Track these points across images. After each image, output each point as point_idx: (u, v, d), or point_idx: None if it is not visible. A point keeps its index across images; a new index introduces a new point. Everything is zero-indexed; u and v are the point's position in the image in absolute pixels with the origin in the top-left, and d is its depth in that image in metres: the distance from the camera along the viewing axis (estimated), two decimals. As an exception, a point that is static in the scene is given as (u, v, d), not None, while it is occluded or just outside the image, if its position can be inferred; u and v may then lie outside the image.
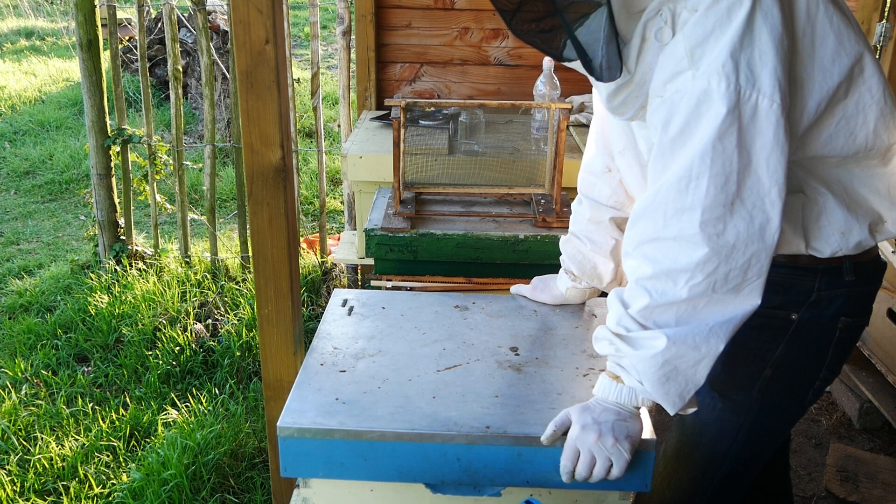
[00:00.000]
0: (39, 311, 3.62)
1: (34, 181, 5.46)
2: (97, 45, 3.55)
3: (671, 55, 1.21)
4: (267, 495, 2.43)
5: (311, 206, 4.93)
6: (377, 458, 1.32)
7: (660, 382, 1.23)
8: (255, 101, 1.66)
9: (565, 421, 1.29)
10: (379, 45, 3.41)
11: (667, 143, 1.20)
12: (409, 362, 1.52)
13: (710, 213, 1.16)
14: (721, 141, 1.14)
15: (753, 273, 1.20)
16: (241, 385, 3.03)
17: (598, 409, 1.28)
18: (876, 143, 1.29)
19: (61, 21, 10.00)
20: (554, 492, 1.38)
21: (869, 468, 2.59)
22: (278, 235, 1.77)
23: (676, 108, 1.18)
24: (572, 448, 1.28)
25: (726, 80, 1.13)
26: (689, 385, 1.25)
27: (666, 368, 1.22)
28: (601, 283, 1.70)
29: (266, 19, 1.60)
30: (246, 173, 1.73)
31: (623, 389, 1.28)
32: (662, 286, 1.20)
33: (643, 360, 1.22)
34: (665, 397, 1.25)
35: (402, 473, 1.34)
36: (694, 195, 1.17)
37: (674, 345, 1.20)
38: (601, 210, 1.64)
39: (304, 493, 1.39)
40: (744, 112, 1.14)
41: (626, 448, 1.27)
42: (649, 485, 1.35)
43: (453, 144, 2.74)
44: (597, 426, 1.26)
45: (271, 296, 1.81)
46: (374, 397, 1.40)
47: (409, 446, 1.32)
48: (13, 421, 2.77)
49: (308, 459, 1.33)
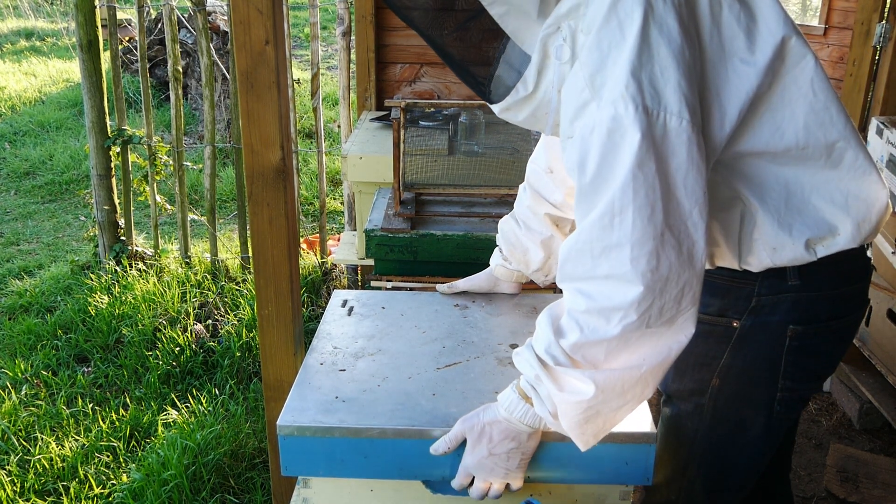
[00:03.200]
0: (39, 312, 3.62)
1: (34, 182, 5.47)
2: (97, 46, 3.55)
3: (573, 87, 1.15)
4: (267, 495, 2.43)
5: (311, 206, 4.93)
6: (378, 455, 1.32)
7: (578, 424, 1.19)
8: (255, 101, 1.66)
9: (459, 438, 1.29)
10: (379, 45, 3.41)
11: (587, 185, 1.12)
12: (409, 360, 1.52)
13: (639, 249, 1.09)
14: (641, 169, 1.07)
15: (687, 302, 1.14)
16: (242, 385, 3.03)
17: (495, 436, 1.26)
18: (810, 141, 1.22)
19: (61, 22, 10.01)
20: (554, 492, 1.38)
21: (869, 469, 2.59)
22: (278, 236, 1.77)
23: (588, 145, 1.11)
24: (466, 473, 1.30)
25: (633, 102, 1.06)
26: (605, 427, 1.21)
27: (588, 413, 1.17)
28: (528, 268, 1.70)
29: (266, 20, 1.60)
30: (246, 174, 1.73)
31: (530, 412, 1.24)
32: (595, 323, 1.14)
33: (566, 403, 1.17)
34: (578, 437, 1.22)
35: (403, 470, 1.33)
36: (620, 231, 1.10)
37: (601, 392, 1.15)
38: (540, 203, 1.64)
39: (304, 493, 1.39)
40: (655, 133, 1.07)
41: (519, 475, 1.29)
42: (651, 478, 1.33)
43: (453, 145, 2.74)
44: (491, 459, 1.27)
45: (271, 296, 1.81)
46: (374, 395, 1.40)
47: (409, 443, 1.31)
48: (13, 421, 2.77)
49: (308, 458, 1.33)
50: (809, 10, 6.56)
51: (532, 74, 1.22)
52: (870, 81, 3.21)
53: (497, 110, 1.32)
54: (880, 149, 2.72)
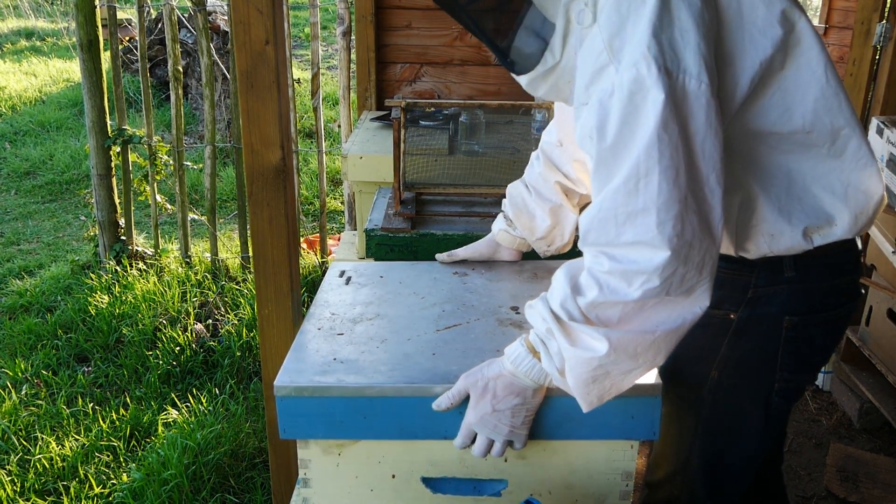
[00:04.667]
0: (40, 312, 3.62)
1: (34, 182, 5.47)
2: (97, 46, 3.55)
3: (589, 52, 1.13)
4: (267, 495, 2.43)
5: (312, 206, 4.93)
6: (377, 415, 1.29)
7: (584, 383, 1.17)
8: (255, 101, 1.66)
9: (462, 394, 1.25)
10: (379, 45, 3.41)
11: (606, 150, 1.10)
12: (408, 324, 1.49)
13: (665, 213, 1.07)
14: (665, 130, 1.05)
15: (707, 272, 1.12)
16: (242, 385, 3.03)
17: (500, 391, 1.23)
18: (816, 125, 1.21)
19: (61, 21, 10.01)
20: (554, 492, 1.38)
21: (869, 468, 2.59)
22: (278, 236, 1.77)
23: (607, 108, 1.09)
24: (468, 431, 1.26)
25: (655, 63, 1.04)
26: (612, 390, 1.19)
27: (597, 372, 1.15)
28: (532, 235, 1.68)
29: (266, 20, 1.60)
30: (246, 173, 1.73)
31: (536, 367, 1.21)
32: (616, 284, 1.12)
33: (577, 359, 1.15)
34: (583, 396, 1.19)
35: (403, 430, 1.30)
36: (645, 195, 1.07)
37: (614, 351, 1.13)
38: (552, 171, 1.62)
39: (304, 492, 1.39)
40: (676, 96, 1.05)
41: (523, 433, 1.25)
42: (657, 432, 1.30)
43: (454, 145, 2.74)
44: (495, 416, 1.23)
45: (271, 296, 1.81)
46: (373, 356, 1.38)
47: (409, 401, 1.28)
48: (13, 421, 2.77)
49: (307, 420, 1.30)
50: (810, 9, 6.56)
51: (558, 42, 1.20)
52: (870, 81, 3.20)
53: (524, 82, 1.30)
54: (880, 148, 2.72)
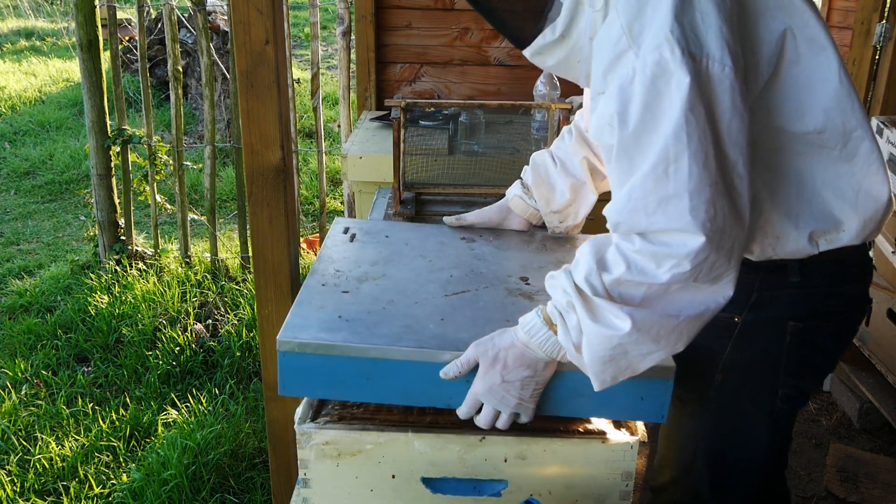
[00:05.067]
0: (39, 312, 3.62)
1: (34, 181, 5.46)
2: (97, 46, 3.55)
3: (606, 38, 1.11)
4: (267, 495, 2.43)
5: (311, 206, 4.93)
6: (382, 377, 1.24)
7: (601, 360, 1.14)
8: (255, 101, 1.66)
9: (471, 363, 1.22)
10: (379, 45, 3.41)
11: (629, 137, 1.08)
12: (415, 287, 1.45)
13: (697, 198, 1.05)
14: (692, 112, 1.03)
15: (734, 260, 1.11)
16: (241, 385, 3.03)
17: (510, 362, 1.20)
18: (828, 126, 1.20)
19: (61, 21, 10.01)
20: (554, 492, 1.38)
21: (869, 468, 2.59)
22: (278, 236, 1.77)
23: (628, 94, 1.07)
24: (475, 401, 1.23)
25: (679, 46, 1.03)
26: (627, 371, 1.16)
27: (616, 351, 1.12)
28: (547, 207, 1.65)
29: (266, 20, 1.60)
30: (246, 173, 1.73)
31: (551, 339, 1.18)
32: (644, 264, 1.09)
33: (597, 335, 1.11)
34: (597, 375, 1.16)
35: (408, 395, 1.26)
36: (676, 180, 1.05)
37: (637, 331, 1.09)
38: (583, 146, 1.60)
39: (304, 492, 1.39)
40: (701, 79, 1.04)
41: (531, 405, 1.22)
42: (665, 415, 1.27)
43: (453, 145, 2.73)
44: (504, 386, 1.20)
45: (271, 296, 1.81)
46: (380, 317, 1.32)
47: (416, 366, 1.24)
48: (13, 421, 2.77)
49: (308, 377, 1.26)
50: (809, 9, 6.52)
51: (563, 20, 1.20)
52: (870, 81, 3.20)
53: (528, 54, 1.30)
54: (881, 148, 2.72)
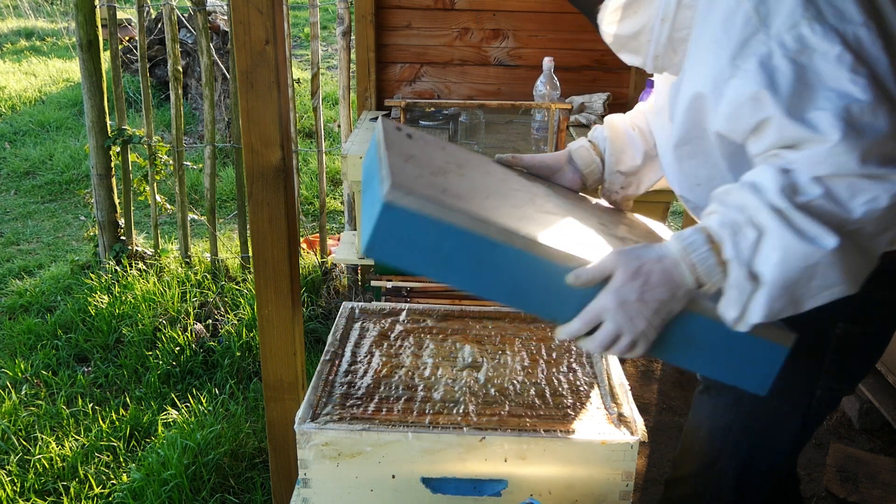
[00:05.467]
0: (39, 312, 3.62)
1: (34, 181, 5.46)
2: (97, 46, 3.55)
3: (729, 22, 1.08)
4: (267, 495, 2.43)
5: (311, 206, 4.93)
6: (493, 264, 1.07)
7: (784, 283, 1.02)
8: (255, 101, 1.66)
9: (606, 272, 1.09)
10: (379, 45, 3.41)
11: (785, 103, 1.02)
12: (503, 192, 1.26)
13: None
14: (856, 72, 1.00)
15: None
16: (242, 385, 3.03)
17: (654, 278, 1.08)
18: None
19: (61, 21, 10.01)
20: (554, 492, 1.38)
21: (869, 468, 2.59)
22: (278, 236, 1.77)
23: (773, 68, 1.03)
24: (593, 316, 1.10)
25: (818, 23, 1.01)
26: (798, 304, 1.05)
27: (807, 273, 1.01)
28: (616, 164, 1.51)
29: (266, 19, 1.60)
30: (246, 173, 1.73)
31: (711, 260, 1.06)
32: (841, 191, 1.00)
33: (794, 250, 1.00)
34: (771, 301, 1.03)
35: (514, 294, 1.10)
36: (871, 131, 0.98)
37: (842, 250, 0.99)
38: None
39: (304, 493, 1.39)
40: (852, 48, 1.00)
41: (652, 337, 1.10)
42: (767, 388, 1.16)
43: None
44: (637, 305, 1.07)
45: (271, 296, 1.81)
46: (487, 203, 1.14)
47: (536, 261, 1.07)
48: (13, 421, 2.77)
49: (411, 243, 1.06)
50: (809, 9, 6.50)
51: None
52: None
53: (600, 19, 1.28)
54: None
